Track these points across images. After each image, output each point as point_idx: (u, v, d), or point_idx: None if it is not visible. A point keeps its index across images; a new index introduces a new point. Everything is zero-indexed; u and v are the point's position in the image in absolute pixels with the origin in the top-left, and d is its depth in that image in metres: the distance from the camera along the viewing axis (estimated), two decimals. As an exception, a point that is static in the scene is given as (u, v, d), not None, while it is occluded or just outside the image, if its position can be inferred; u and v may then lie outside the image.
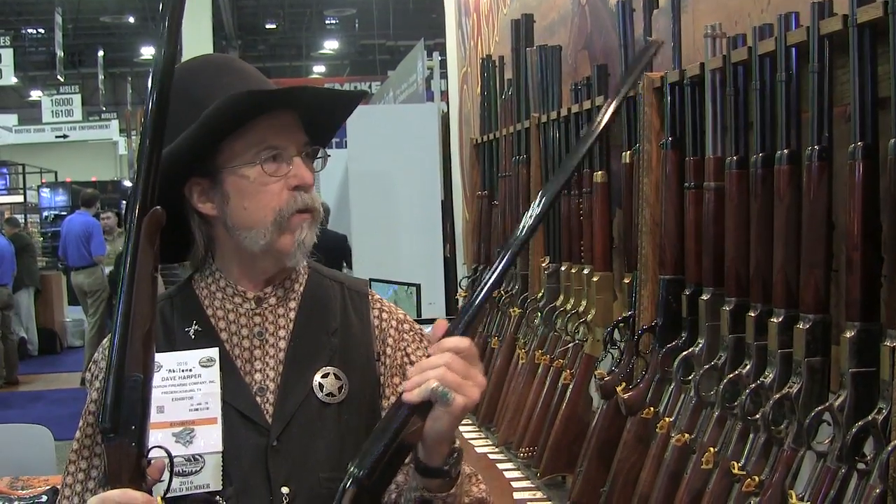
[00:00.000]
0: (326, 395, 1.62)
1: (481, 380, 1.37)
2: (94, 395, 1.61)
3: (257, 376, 1.61)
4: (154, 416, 1.44)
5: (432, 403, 1.32)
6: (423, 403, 1.32)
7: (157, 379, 1.48)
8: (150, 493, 1.36)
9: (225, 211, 1.58)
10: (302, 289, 1.68)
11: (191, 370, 1.56)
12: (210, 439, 1.54)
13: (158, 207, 1.36)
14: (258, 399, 1.60)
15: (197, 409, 1.55)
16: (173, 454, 1.47)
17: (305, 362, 1.63)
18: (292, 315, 1.66)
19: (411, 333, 1.73)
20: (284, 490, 1.56)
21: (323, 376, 1.63)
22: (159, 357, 1.49)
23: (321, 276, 1.72)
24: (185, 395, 1.55)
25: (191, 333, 1.61)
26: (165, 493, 1.43)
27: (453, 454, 1.43)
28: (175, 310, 1.64)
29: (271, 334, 1.64)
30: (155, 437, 1.45)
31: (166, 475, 1.43)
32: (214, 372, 1.57)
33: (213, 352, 1.58)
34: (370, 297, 1.73)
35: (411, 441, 1.34)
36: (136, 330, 1.35)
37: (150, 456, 1.37)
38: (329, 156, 1.68)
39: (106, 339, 1.55)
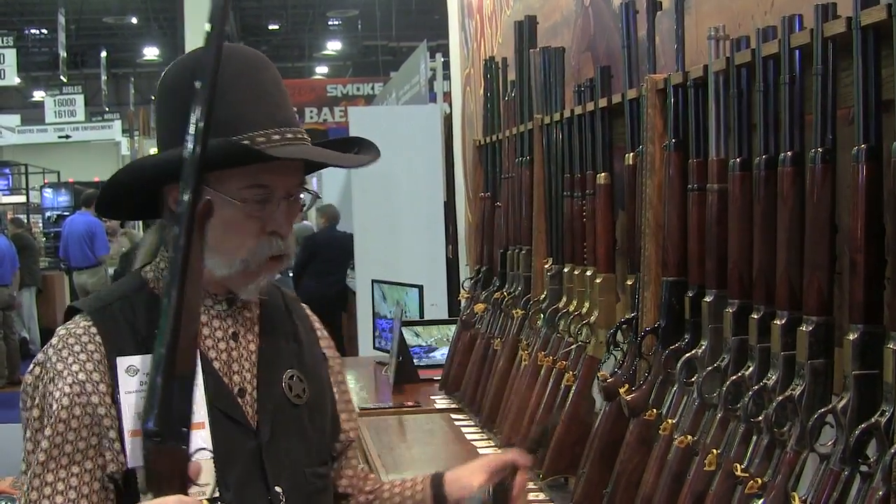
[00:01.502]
0: (294, 396, 1.65)
1: None
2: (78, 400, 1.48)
3: (236, 378, 1.60)
4: (136, 423, 1.42)
5: None
6: None
7: (134, 383, 1.46)
8: None
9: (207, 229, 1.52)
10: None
11: None
12: (199, 444, 1.48)
13: (209, 198, 1.34)
14: (239, 401, 1.59)
15: None
16: None
17: (274, 364, 1.65)
18: (257, 318, 1.67)
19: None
20: (278, 489, 1.57)
21: (289, 378, 1.65)
22: (134, 359, 1.47)
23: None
24: None
25: None
26: (212, 496, 1.43)
27: None
28: (136, 311, 1.56)
29: (243, 336, 1.64)
30: (136, 444, 1.41)
31: (208, 478, 1.42)
32: (197, 375, 1.50)
33: None
34: (302, 304, 1.80)
35: None
36: (189, 326, 1.33)
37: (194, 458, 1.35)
38: (320, 198, 1.64)
39: (40, 355, 1.52)
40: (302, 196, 1.61)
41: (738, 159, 1.89)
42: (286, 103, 1.60)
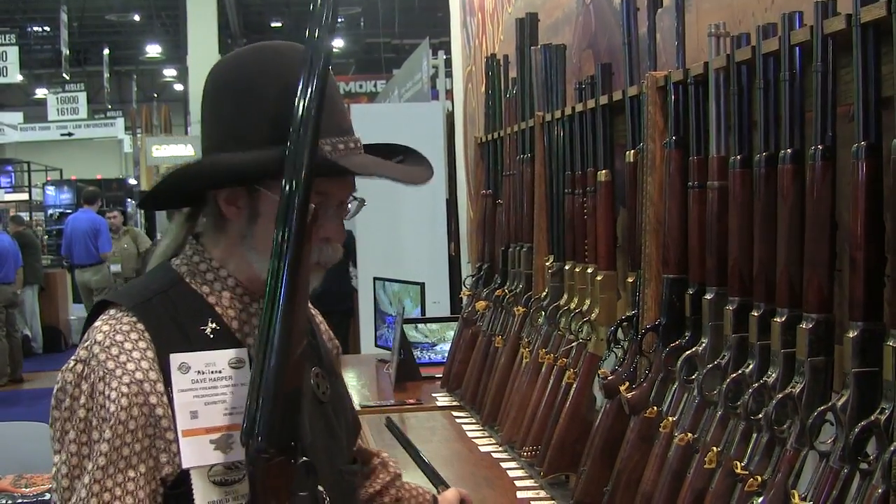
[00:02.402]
0: (322, 393, 1.61)
1: None
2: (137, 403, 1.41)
3: None
4: (188, 423, 1.39)
5: None
6: None
7: (186, 381, 1.42)
8: None
9: (248, 226, 1.50)
10: None
11: (220, 371, 1.46)
12: None
13: (314, 205, 1.33)
14: None
15: (231, 414, 1.45)
16: (214, 462, 1.41)
17: (305, 363, 1.60)
18: None
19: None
20: (320, 489, 1.49)
21: (315, 375, 1.61)
22: (186, 356, 1.43)
23: None
24: (218, 398, 1.45)
25: (208, 332, 1.49)
26: None
27: None
28: (177, 305, 1.50)
29: None
30: (192, 444, 1.39)
31: None
32: (246, 374, 1.45)
33: (242, 352, 1.49)
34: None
35: None
36: (297, 340, 1.31)
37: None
38: (365, 203, 1.60)
39: (82, 352, 1.44)
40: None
41: (738, 157, 1.88)
42: (346, 110, 1.58)
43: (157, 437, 1.40)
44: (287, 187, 1.30)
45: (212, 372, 1.45)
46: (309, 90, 1.30)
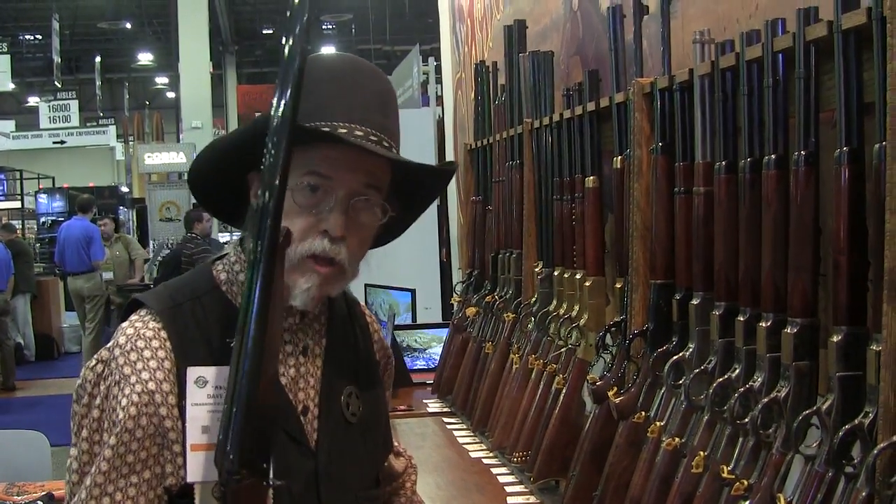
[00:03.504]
0: (350, 415, 1.56)
1: None
2: (123, 413, 1.39)
3: (300, 395, 1.51)
4: (198, 437, 1.37)
5: None
6: None
7: (202, 395, 1.38)
8: None
9: None
10: (328, 300, 1.57)
11: None
12: None
13: (287, 227, 1.27)
14: (302, 419, 1.50)
15: None
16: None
17: (336, 381, 1.55)
18: (324, 330, 1.57)
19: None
20: None
21: (347, 395, 1.56)
22: (204, 371, 1.38)
23: None
24: None
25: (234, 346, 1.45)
26: None
27: None
28: (208, 314, 1.46)
29: (311, 350, 1.54)
30: (199, 459, 1.36)
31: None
32: None
33: None
34: (361, 304, 1.69)
35: None
36: (271, 355, 1.25)
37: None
38: (391, 213, 1.47)
39: (104, 352, 1.43)
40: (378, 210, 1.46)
41: (723, 162, 1.90)
42: (382, 110, 1.47)
43: (165, 447, 1.39)
44: (264, 195, 1.23)
45: None
46: (287, 94, 1.22)
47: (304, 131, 1.33)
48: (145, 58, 24.28)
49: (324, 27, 22.90)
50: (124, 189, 21.08)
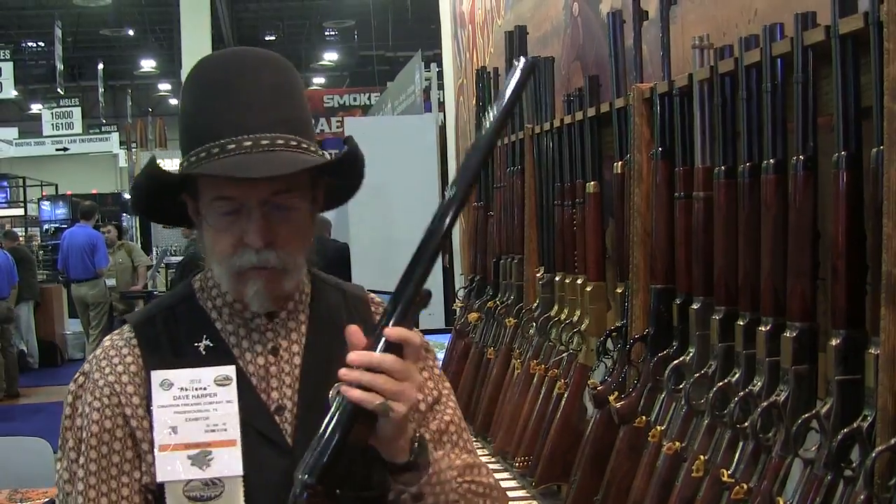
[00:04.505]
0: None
1: (418, 378, 1.35)
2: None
3: (274, 394, 1.52)
4: (167, 438, 1.41)
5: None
6: (363, 410, 1.28)
7: (167, 397, 1.44)
8: None
9: (204, 236, 1.50)
10: (309, 299, 1.60)
11: (205, 388, 1.47)
12: (229, 462, 1.44)
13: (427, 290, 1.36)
14: (276, 418, 1.51)
15: (213, 431, 1.45)
16: (190, 478, 1.42)
17: (320, 378, 1.51)
18: (303, 329, 1.58)
19: None
20: None
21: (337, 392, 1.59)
22: (169, 374, 1.45)
23: (324, 283, 1.64)
24: (200, 415, 1.46)
25: (201, 349, 1.50)
26: None
27: (415, 444, 1.39)
28: (179, 322, 1.53)
29: (285, 350, 1.55)
30: (168, 459, 1.40)
31: (237, 501, 1.43)
32: (232, 391, 1.47)
33: (230, 369, 1.48)
34: (370, 302, 1.68)
35: (360, 442, 1.30)
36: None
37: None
38: (319, 201, 1.52)
39: (86, 364, 1.51)
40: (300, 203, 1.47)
41: (723, 167, 1.90)
42: (275, 104, 1.45)
43: (135, 447, 1.45)
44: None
45: (196, 389, 1.47)
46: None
47: (173, 177, 1.46)
48: (148, 65, 24.30)
49: (326, 34, 22.94)
50: (127, 196, 21.09)
